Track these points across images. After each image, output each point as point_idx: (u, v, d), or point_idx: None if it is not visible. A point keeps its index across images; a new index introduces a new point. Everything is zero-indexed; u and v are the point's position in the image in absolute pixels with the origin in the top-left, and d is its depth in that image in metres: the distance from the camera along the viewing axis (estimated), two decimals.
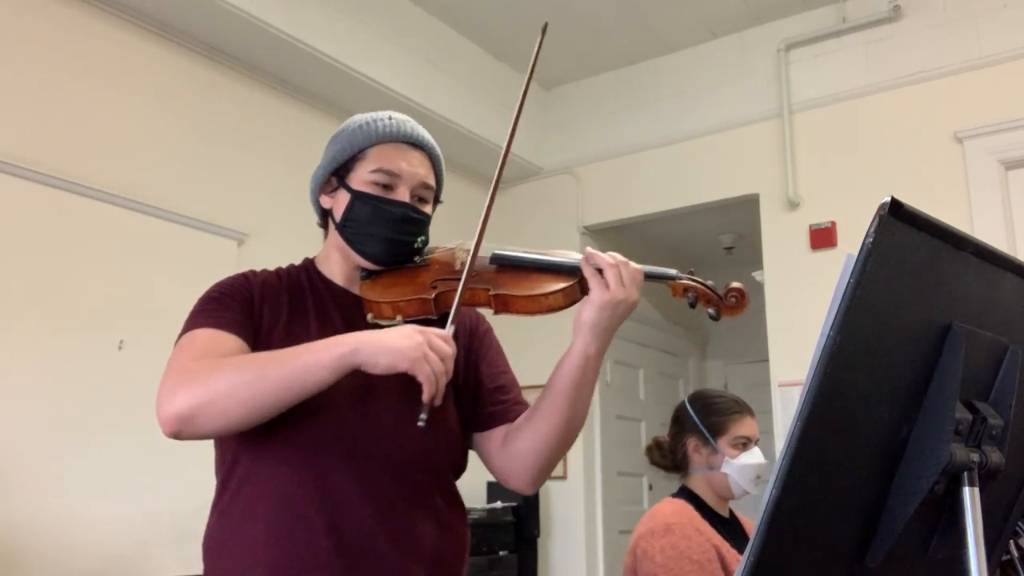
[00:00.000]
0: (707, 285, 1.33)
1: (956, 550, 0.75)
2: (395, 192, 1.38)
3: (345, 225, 1.38)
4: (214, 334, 1.26)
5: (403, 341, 1.16)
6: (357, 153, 1.40)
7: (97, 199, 3.03)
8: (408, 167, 1.39)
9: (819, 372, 0.65)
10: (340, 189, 1.40)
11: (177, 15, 3.31)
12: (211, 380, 1.16)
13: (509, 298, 1.30)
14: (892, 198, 0.67)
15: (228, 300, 1.32)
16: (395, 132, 1.42)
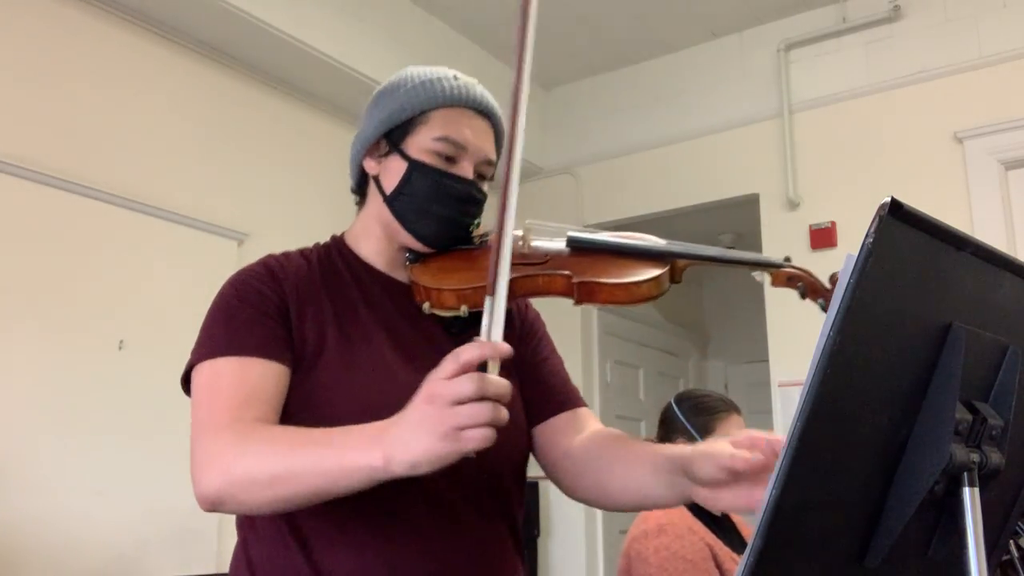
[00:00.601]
0: (812, 274, 1.25)
1: (956, 551, 0.75)
2: (458, 166, 1.19)
3: (398, 198, 1.19)
4: (240, 367, 1.06)
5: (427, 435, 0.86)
6: (418, 115, 1.20)
7: (97, 199, 3.03)
8: (475, 139, 1.20)
9: (819, 372, 0.65)
10: (393, 155, 1.20)
11: (178, 15, 3.30)
12: (234, 470, 0.96)
13: (596, 286, 1.13)
14: (892, 198, 0.67)
15: (251, 312, 1.10)
16: (465, 96, 1.23)
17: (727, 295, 6.08)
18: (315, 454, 0.94)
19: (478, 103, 1.24)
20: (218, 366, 1.06)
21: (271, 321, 1.10)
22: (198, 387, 1.07)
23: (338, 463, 0.92)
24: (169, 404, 3.04)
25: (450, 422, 0.85)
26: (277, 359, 1.08)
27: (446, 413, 0.85)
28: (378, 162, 1.23)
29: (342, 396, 1.09)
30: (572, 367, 4.80)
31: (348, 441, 0.93)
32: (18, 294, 2.78)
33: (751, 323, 4.78)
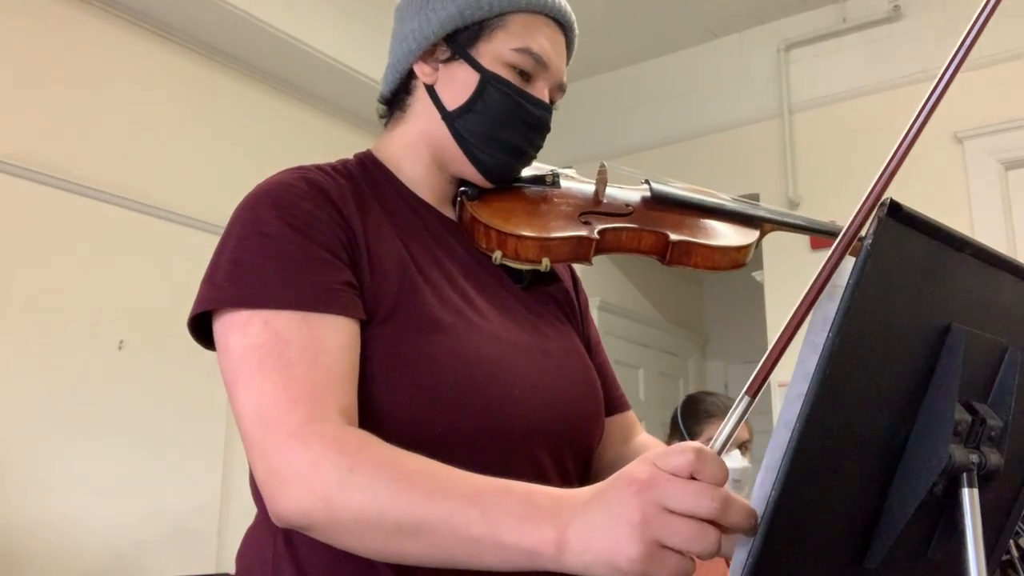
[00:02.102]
0: None
1: (955, 551, 0.75)
2: (533, 85, 1.02)
3: (463, 116, 0.98)
4: (309, 330, 0.79)
5: (623, 536, 0.62)
6: (495, 16, 0.98)
7: (97, 199, 3.04)
8: (557, 58, 1.03)
9: (818, 374, 0.65)
10: (459, 61, 0.99)
11: (178, 15, 3.31)
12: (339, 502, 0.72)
13: (694, 247, 1.01)
14: (891, 199, 0.67)
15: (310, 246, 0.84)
16: (552, 5, 1.01)
17: (727, 295, 6.08)
18: (462, 514, 0.69)
19: (562, 13, 1.03)
20: (278, 324, 0.79)
21: (337, 261, 0.85)
22: (247, 350, 0.79)
23: (491, 534, 0.67)
24: (169, 404, 3.05)
25: (659, 533, 0.62)
26: (352, 314, 0.84)
27: (660, 520, 0.62)
28: (436, 68, 1.01)
29: (447, 358, 0.86)
30: None
31: (508, 506, 0.68)
32: (18, 294, 2.79)
33: (751, 323, 4.78)
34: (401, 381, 0.84)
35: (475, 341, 0.90)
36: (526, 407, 0.89)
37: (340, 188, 0.93)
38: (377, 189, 0.98)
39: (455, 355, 0.87)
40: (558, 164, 4.49)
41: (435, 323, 0.88)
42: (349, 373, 0.81)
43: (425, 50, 1.00)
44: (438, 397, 0.84)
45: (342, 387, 0.80)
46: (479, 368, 0.87)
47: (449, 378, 0.85)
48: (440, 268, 0.94)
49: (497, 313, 0.96)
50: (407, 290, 0.88)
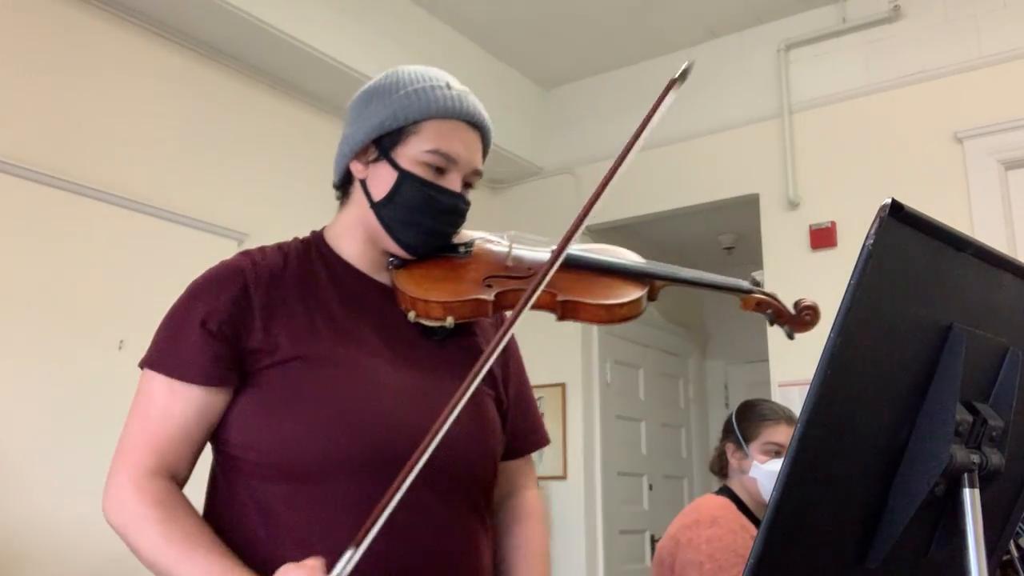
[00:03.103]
0: (780, 301, 1.24)
1: (956, 551, 0.75)
2: (446, 178, 1.19)
3: (386, 206, 1.18)
4: (167, 393, 1.11)
5: None
6: (411, 124, 1.18)
7: (97, 199, 3.03)
8: (465, 152, 1.20)
9: (820, 374, 0.65)
10: (383, 162, 1.19)
11: (177, 15, 3.31)
12: (130, 532, 1.09)
13: (580, 305, 1.15)
14: (893, 200, 0.67)
15: (198, 331, 1.10)
16: (458, 108, 1.21)
17: (727, 295, 6.08)
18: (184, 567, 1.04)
19: (471, 116, 1.23)
20: (154, 386, 1.13)
21: (217, 343, 1.11)
22: (137, 392, 1.15)
23: None
24: None
25: None
26: (217, 385, 1.11)
27: None
28: (366, 166, 1.22)
29: (324, 396, 1.10)
30: (572, 367, 4.82)
31: None
32: (18, 294, 2.78)
33: (751, 323, 4.78)
34: (286, 414, 1.09)
35: (355, 382, 1.11)
36: (394, 440, 1.07)
37: (262, 268, 1.17)
38: (309, 266, 1.20)
39: (333, 393, 1.09)
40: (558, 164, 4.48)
41: (320, 367, 1.11)
42: (186, 439, 1.12)
43: (357, 152, 1.22)
44: (315, 428, 1.08)
45: (177, 448, 1.12)
46: (353, 405, 1.09)
47: (324, 412, 1.08)
48: (350, 324, 1.16)
49: (393, 361, 1.16)
50: (302, 344, 1.11)
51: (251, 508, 1.11)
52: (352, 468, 1.07)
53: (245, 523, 1.11)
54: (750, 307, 1.24)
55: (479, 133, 1.25)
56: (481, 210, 5.00)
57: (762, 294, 1.23)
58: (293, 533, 1.08)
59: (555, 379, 4.71)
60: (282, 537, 1.08)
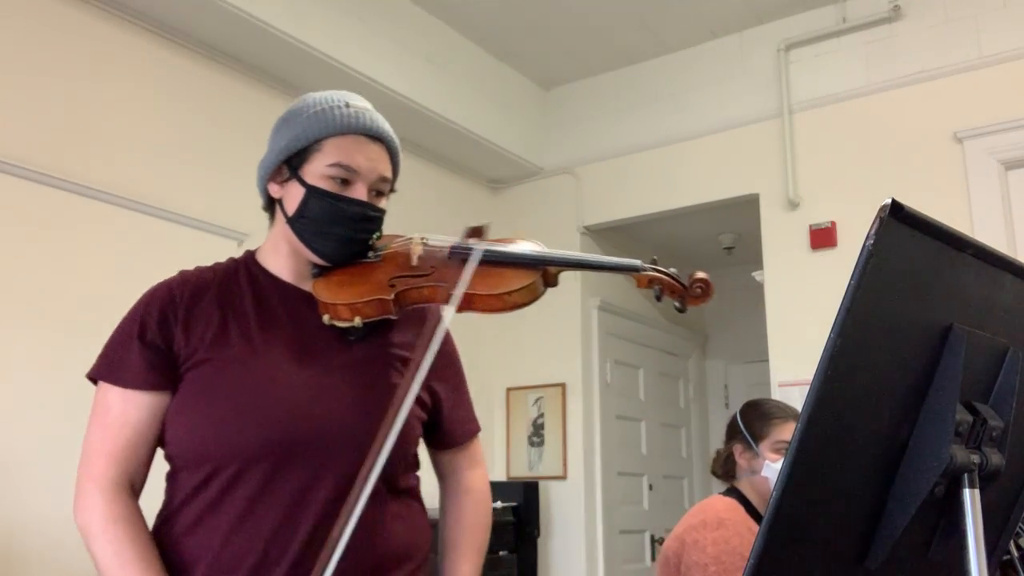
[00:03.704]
0: (672, 275, 1.27)
1: (956, 552, 0.75)
2: (352, 188, 1.30)
3: (299, 220, 1.31)
4: (121, 401, 1.25)
5: None
6: (313, 143, 1.31)
7: (97, 199, 3.04)
8: (367, 162, 1.31)
9: (820, 374, 0.65)
10: (292, 180, 1.32)
11: (178, 15, 3.31)
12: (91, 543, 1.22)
13: (472, 297, 1.24)
14: (893, 200, 0.67)
15: (136, 342, 1.27)
16: (355, 124, 1.32)
17: (727, 295, 6.07)
18: None
19: (368, 129, 1.33)
20: (108, 397, 1.26)
21: (150, 352, 1.26)
22: (93, 407, 1.29)
23: None
24: None
25: None
26: (157, 389, 1.26)
27: None
28: (281, 186, 1.35)
29: (224, 392, 1.23)
30: (572, 367, 4.82)
31: None
32: (18, 294, 2.78)
33: (751, 323, 4.79)
34: (201, 407, 1.23)
35: (254, 380, 1.24)
36: (289, 432, 1.21)
37: (189, 285, 1.33)
38: (233, 281, 1.34)
39: (233, 391, 1.22)
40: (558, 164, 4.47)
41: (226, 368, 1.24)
42: (142, 441, 1.26)
43: (271, 174, 1.36)
44: (219, 422, 1.21)
45: (134, 452, 1.26)
46: (250, 400, 1.21)
47: (223, 407, 1.21)
48: (263, 330, 1.28)
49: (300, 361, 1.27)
50: (215, 347, 1.25)
51: (179, 500, 1.25)
52: (250, 458, 1.20)
53: (180, 517, 1.24)
54: (644, 285, 1.28)
55: (382, 145, 1.35)
56: (481, 210, 5.02)
57: (654, 270, 1.28)
58: (208, 520, 1.21)
59: (555, 379, 4.71)
60: (199, 525, 1.22)
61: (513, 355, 4.80)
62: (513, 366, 4.76)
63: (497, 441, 4.84)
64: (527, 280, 1.25)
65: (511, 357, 4.80)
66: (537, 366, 4.74)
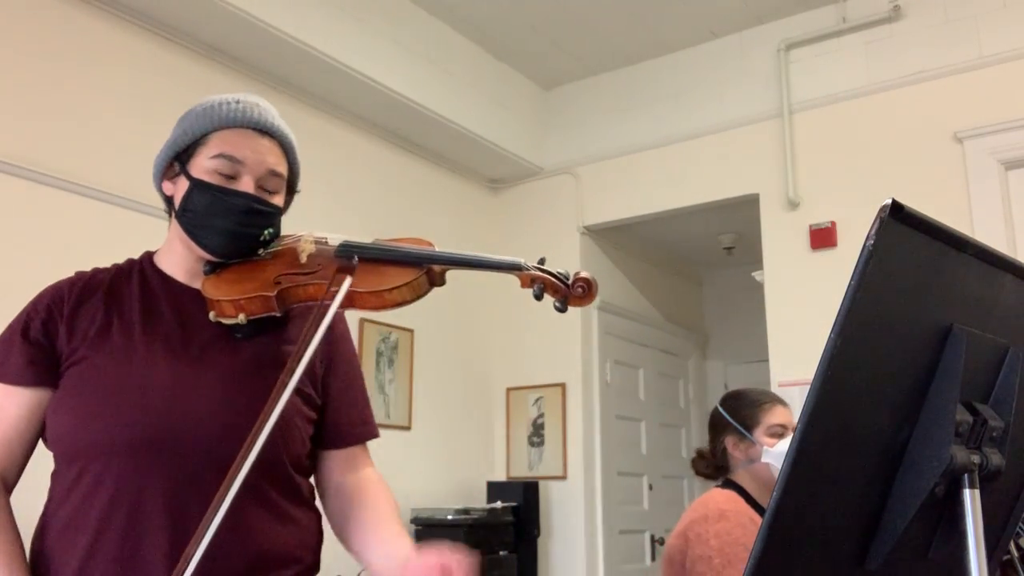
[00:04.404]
0: (554, 274, 1.26)
1: (956, 552, 0.75)
2: (238, 182, 1.29)
3: (183, 214, 1.29)
4: (3, 396, 1.25)
5: None
6: (200, 138, 1.32)
7: (97, 199, 3.04)
8: (253, 155, 1.30)
9: (820, 374, 0.65)
10: (181, 176, 1.31)
11: (177, 15, 3.31)
12: None
13: (354, 294, 1.23)
14: (893, 200, 0.67)
15: (19, 338, 1.26)
16: (240, 117, 1.32)
17: (727, 295, 6.09)
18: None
19: (256, 122, 1.32)
20: None
21: (32, 348, 1.26)
22: None
23: None
24: None
25: None
26: (37, 385, 1.25)
27: None
28: (172, 183, 1.34)
29: (96, 389, 1.22)
30: (572, 367, 4.82)
31: None
32: (18, 294, 2.78)
33: (751, 323, 4.79)
34: (74, 403, 1.23)
35: (126, 376, 1.23)
36: (153, 427, 1.19)
37: (78, 286, 1.32)
38: (123, 280, 1.34)
39: (104, 387, 1.22)
40: (558, 164, 4.47)
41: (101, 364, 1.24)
42: (18, 437, 1.27)
43: (164, 171, 1.36)
44: (87, 418, 1.20)
45: (8, 448, 1.26)
46: (118, 396, 1.20)
47: (99, 402, 1.21)
48: (145, 327, 1.27)
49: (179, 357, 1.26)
50: (95, 345, 1.25)
51: (55, 501, 1.25)
52: (113, 455, 1.18)
53: (52, 521, 1.25)
54: (527, 284, 1.26)
55: (272, 140, 1.34)
56: (481, 210, 5.03)
57: (537, 269, 1.27)
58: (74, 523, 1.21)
59: (555, 379, 4.71)
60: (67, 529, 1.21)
61: (513, 355, 4.80)
62: (513, 366, 4.76)
63: (497, 441, 4.84)
64: (409, 277, 1.24)
65: (511, 357, 4.80)
66: (537, 366, 4.74)
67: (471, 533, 3.95)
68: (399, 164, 4.43)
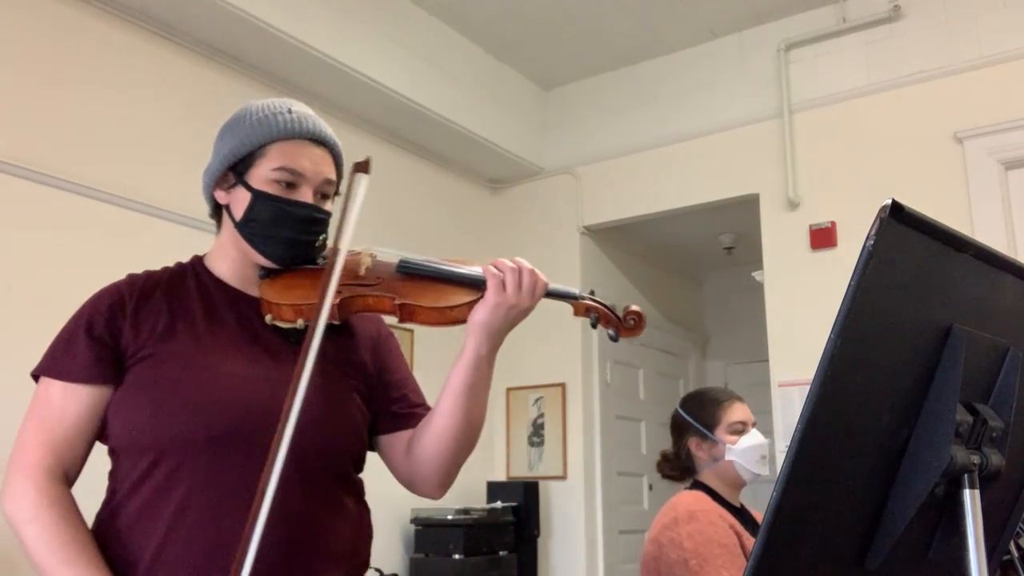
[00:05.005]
0: (607, 306, 1.34)
1: (956, 552, 0.75)
2: (298, 191, 1.34)
3: (246, 224, 1.33)
4: (62, 395, 1.28)
5: None
6: (257, 149, 1.35)
7: (97, 199, 3.04)
8: (311, 166, 1.35)
9: (820, 375, 0.65)
10: (239, 186, 1.35)
11: (177, 15, 3.31)
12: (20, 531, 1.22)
13: (415, 308, 1.30)
14: (893, 200, 0.67)
15: (84, 337, 1.30)
16: (298, 128, 1.37)
17: (727, 295, 6.09)
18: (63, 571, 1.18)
19: (311, 134, 1.38)
20: (50, 391, 1.31)
21: (98, 346, 1.29)
22: (33, 399, 1.33)
23: None
24: None
25: None
26: (101, 383, 1.28)
27: None
28: (227, 192, 1.37)
29: (168, 385, 1.25)
30: (572, 367, 4.82)
31: None
32: (18, 294, 2.78)
33: (751, 323, 4.78)
34: (145, 398, 1.25)
35: (194, 374, 1.26)
36: (226, 422, 1.22)
37: (137, 287, 1.36)
38: (181, 283, 1.38)
39: (171, 384, 1.25)
40: (558, 164, 4.46)
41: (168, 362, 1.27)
42: (79, 435, 1.29)
43: (217, 181, 1.38)
44: (160, 414, 1.23)
45: (71, 445, 1.28)
46: (187, 393, 1.23)
47: (173, 398, 1.24)
48: (208, 329, 1.31)
49: (240, 357, 1.30)
50: (162, 342, 1.28)
51: (121, 495, 1.26)
52: (191, 450, 1.21)
53: (122, 511, 1.25)
54: (581, 313, 1.36)
55: (325, 148, 1.39)
56: (482, 210, 5.02)
57: (591, 300, 1.35)
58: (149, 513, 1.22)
59: (555, 379, 4.71)
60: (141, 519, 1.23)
61: (513, 355, 4.79)
62: (513, 366, 4.76)
63: (497, 441, 4.84)
64: (469, 297, 1.30)
65: (511, 357, 4.79)
66: (537, 366, 4.74)
67: (471, 533, 3.95)
68: (399, 164, 4.43)
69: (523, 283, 1.28)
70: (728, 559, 1.89)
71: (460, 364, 1.31)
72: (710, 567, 1.88)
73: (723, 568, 1.88)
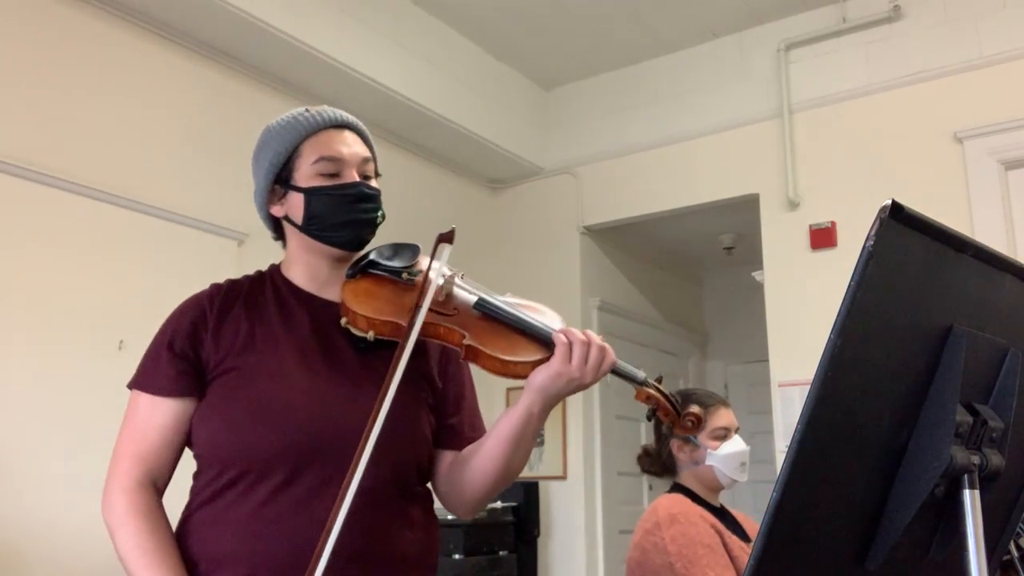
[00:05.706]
0: (670, 399, 1.32)
1: (956, 552, 0.75)
2: (342, 176, 1.37)
3: (309, 224, 1.36)
4: (149, 407, 1.32)
5: None
6: (292, 152, 1.39)
7: (97, 199, 3.04)
8: (346, 148, 1.39)
9: (820, 375, 0.65)
10: (289, 193, 1.38)
11: (178, 15, 3.31)
12: (115, 533, 1.28)
13: (480, 352, 1.28)
14: (893, 201, 0.67)
15: (167, 352, 1.33)
16: (321, 120, 1.41)
17: (727, 295, 6.09)
18: None
19: (335, 121, 1.42)
20: (138, 403, 1.34)
21: (180, 361, 1.33)
22: (126, 411, 1.36)
23: None
24: None
25: None
26: (184, 395, 1.32)
27: None
28: (280, 204, 1.41)
29: (246, 399, 1.29)
30: None
31: None
32: (18, 294, 2.78)
33: (751, 323, 4.78)
34: (227, 411, 1.29)
35: (273, 387, 1.29)
36: (304, 436, 1.26)
37: (218, 297, 1.38)
38: (259, 291, 1.40)
39: (252, 397, 1.28)
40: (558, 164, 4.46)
41: (249, 375, 1.30)
42: (165, 444, 1.33)
43: (267, 198, 1.41)
44: (239, 429, 1.27)
45: (157, 455, 1.33)
46: (266, 406, 1.27)
47: (253, 411, 1.28)
48: (286, 337, 1.34)
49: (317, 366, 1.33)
50: (242, 355, 1.32)
51: (200, 500, 1.31)
52: (268, 463, 1.25)
53: (198, 515, 1.31)
54: (642, 399, 1.34)
55: (352, 131, 1.44)
56: (482, 210, 5.03)
57: (655, 390, 1.33)
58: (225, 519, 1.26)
59: None
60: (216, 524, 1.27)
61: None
62: None
63: None
64: (535, 356, 1.28)
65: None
66: None
67: (471, 533, 3.95)
68: (399, 164, 4.43)
69: (590, 358, 1.27)
70: (713, 559, 1.90)
71: (511, 414, 1.31)
72: (696, 568, 1.88)
73: (709, 568, 1.88)
